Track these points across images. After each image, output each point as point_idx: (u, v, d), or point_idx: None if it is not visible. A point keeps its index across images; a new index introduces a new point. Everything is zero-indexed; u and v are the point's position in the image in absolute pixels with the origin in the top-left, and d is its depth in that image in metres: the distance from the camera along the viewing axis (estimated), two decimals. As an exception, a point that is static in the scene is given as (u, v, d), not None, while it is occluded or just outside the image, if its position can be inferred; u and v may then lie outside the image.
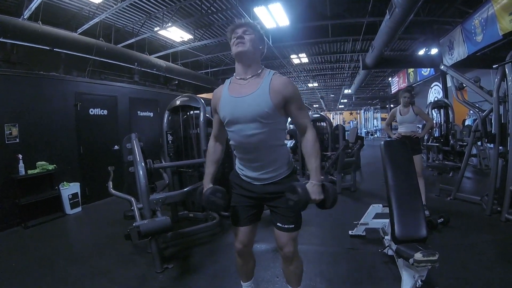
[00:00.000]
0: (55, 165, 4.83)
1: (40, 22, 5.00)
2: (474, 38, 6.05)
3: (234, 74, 1.72)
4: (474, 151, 4.73)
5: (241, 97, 1.61)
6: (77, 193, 5.09)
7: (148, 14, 6.63)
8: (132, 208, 2.93)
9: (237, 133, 1.65)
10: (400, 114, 4.08)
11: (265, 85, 1.59)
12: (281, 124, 1.68)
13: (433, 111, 7.47)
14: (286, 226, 1.72)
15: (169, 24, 6.64)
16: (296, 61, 11.84)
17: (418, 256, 1.78)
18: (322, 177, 1.65)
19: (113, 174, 3.71)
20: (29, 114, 4.68)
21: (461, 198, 4.45)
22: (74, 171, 5.33)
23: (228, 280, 2.57)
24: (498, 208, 3.74)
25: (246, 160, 1.73)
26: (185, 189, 3.30)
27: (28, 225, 4.33)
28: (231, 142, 1.76)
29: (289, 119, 1.76)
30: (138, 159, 2.92)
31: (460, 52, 6.69)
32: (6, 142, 4.35)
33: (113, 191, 3.32)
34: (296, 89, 1.65)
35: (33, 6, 4.52)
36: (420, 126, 7.16)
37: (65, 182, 4.97)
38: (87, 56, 6.17)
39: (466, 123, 8.39)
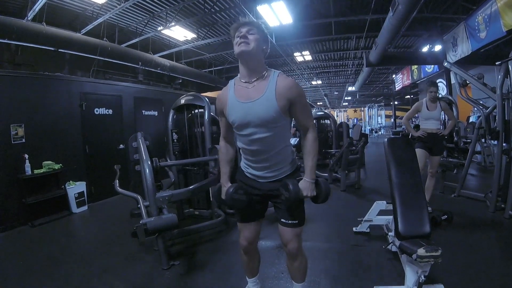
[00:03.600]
0: (61, 165, 4.88)
1: (44, 23, 5.04)
2: (478, 34, 6.02)
3: (239, 75, 1.72)
4: (478, 148, 4.70)
5: (249, 102, 1.62)
6: (83, 192, 5.14)
7: (152, 14, 6.66)
8: (139, 206, 2.96)
9: (245, 137, 1.69)
10: (428, 109, 3.81)
11: (271, 89, 1.60)
12: (287, 126, 1.73)
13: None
14: (290, 221, 1.75)
15: (173, 23, 6.67)
16: (299, 59, 11.83)
17: (421, 251, 1.79)
18: (326, 174, 1.68)
19: (119, 173, 3.75)
20: (35, 115, 4.73)
21: (465, 195, 4.45)
22: (80, 170, 5.38)
23: (234, 277, 2.60)
24: (502, 205, 3.74)
25: (253, 161, 1.77)
26: (190, 187, 3.33)
27: (35, 224, 4.38)
28: (238, 144, 1.79)
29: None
30: (144, 158, 2.96)
31: (463, 48, 6.66)
32: (12, 142, 4.40)
33: (120, 190, 3.35)
34: (301, 91, 1.67)
35: (37, 7, 4.56)
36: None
37: (71, 181, 5.02)
38: (92, 56, 6.22)
39: (470, 120, 8.36)
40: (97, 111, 5.81)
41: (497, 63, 3.74)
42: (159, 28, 7.06)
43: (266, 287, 2.40)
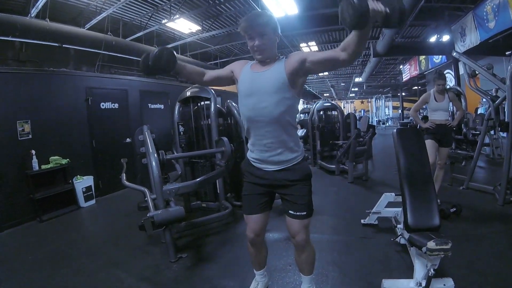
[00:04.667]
0: (68, 160, 4.92)
1: (48, 19, 5.03)
2: (486, 24, 5.89)
3: (255, 60, 1.78)
4: (486, 140, 4.63)
5: (259, 72, 1.71)
6: (90, 186, 5.18)
7: (156, 7, 6.62)
8: (146, 199, 2.97)
9: (251, 106, 1.70)
10: (436, 101, 3.77)
11: (281, 62, 1.68)
12: (293, 104, 1.71)
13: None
14: (298, 213, 1.74)
15: (177, 16, 6.61)
16: (306, 49, 11.69)
17: (431, 244, 1.76)
18: None
19: (126, 166, 3.76)
20: (41, 111, 4.76)
21: (474, 188, 4.39)
22: (87, 165, 5.43)
23: (241, 269, 2.61)
24: (511, 198, 3.69)
25: (258, 137, 1.74)
26: (197, 180, 3.33)
27: (43, 219, 4.43)
28: (243, 119, 1.80)
29: (300, 110, 1.77)
30: (151, 151, 2.96)
31: (472, 39, 6.53)
32: (19, 138, 4.43)
33: (127, 183, 3.37)
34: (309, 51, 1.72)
35: (40, 3, 4.54)
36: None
37: (78, 176, 5.06)
38: (96, 51, 6.20)
39: (479, 111, 8.23)
40: (103, 105, 5.83)
41: (507, 53, 3.66)
42: (163, 21, 7.01)
43: (273, 279, 2.40)
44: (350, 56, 1.44)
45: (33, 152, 4.47)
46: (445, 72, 4.58)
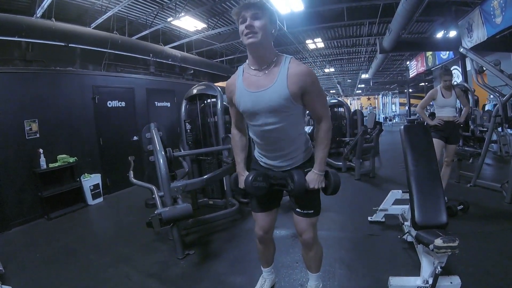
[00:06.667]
0: (75, 158, 4.97)
1: (53, 19, 5.07)
2: (493, 20, 5.81)
3: (247, 62, 1.63)
4: (494, 137, 4.57)
5: (259, 91, 1.54)
6: (98, 184, 5.23)
7: (161, 5, 6.62)
8: (153, 196, 3.00)
9: (257, 127, 1.64)
10: (443, 97, 3.72)
11: (283, 76, 1.51)
12: (300, 114, 1.66)
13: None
14: (305, 211, 1.74)
15: (182, 13, 6.61)
16: (311, 46, 11.60)
17: (438, 242, 1.76)
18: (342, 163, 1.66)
19: (133, 164, 3.80)
20: (48, 110, 4.81)
21: (481, 185, 4.36)
22: (94, 163, 5.48)
23: (248, 265, 2.63)
24: (519, 196, 3.65)
25: (267, 151, 1.74)
26: (204, 177, 3.36)
27: (51, 216, 4.48)
28: (251, 134, 1.77)
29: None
30: (159, 148, 2.98)
31: (479, 34, 6.44)
32: (27, 137, 4.48)
33: (134, 180, 3.40)
34: (315, 79, 1.56)
35: (45, 3, 4.56)
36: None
37: (86, 174, 5.11)
38: (102, 49, 6.23)
39: (486, 108, 8.13)
40: (110, 103, 5.88)
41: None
42: (169, 19, 7.01)
43: (281, 276, 2.42)
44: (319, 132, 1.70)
45: (41, 150, 4.52)
46: (452, 68, 4.54)
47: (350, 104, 26.04)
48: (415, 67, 13.84)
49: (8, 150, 4.27)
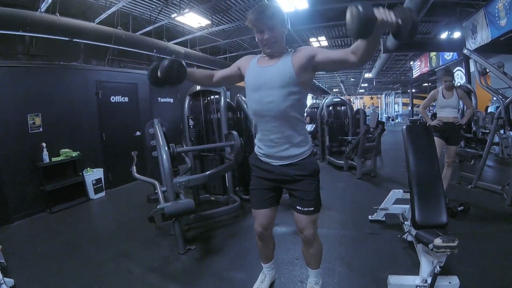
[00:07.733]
0: (78, 152, 4.99)
1: (58, 14, 5.08)
2: (498, 22, 5.79)
3: (262, 53, 1.78)
4: (496, 139, 4.57)
5: (266, 67, 1.69)
6: (100, 178, 5.26)
7: (165, 1, 6.62)
8: (156, 191, 3.02)
9: (257, 100, 1.69)
10: (444, 97, 3.75)
11: (288, 56, 1.66)
12: (300, 98, 1.68)
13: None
14: (306, 209, 1.75)
15: (186, 10, 6.60)
16: (315, 44, 11.61)
17: (437, 241, 1.77)
18: None
19: (136, 159, 3.82)
20: (52, 104, 4.83)
21: (482, 187, 4.36)
22: (97, 157, 5.51)
23: (249, 261, 2.65)
24: (519, 198, 3.65)
25: (264, 132, 1.74)
26: (207, 173, 3.38)
27: (53, 210, 4.51)
28: (250, 113, 1.82)
29: (309, 105, 1.78)
30: (161, 144, 3.01)
31: (483, 36, 6.42)
32: (30, 131, 4.50)
33: (137, 175, 3.42)
34: (320, 48, 1.69)
35: (50, -2, 4.58)
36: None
37: (88, 168, 5.14)
38: (106, 45, 6.24)
39: (489, 110, 8.12)
40: (113, 99, 5.90)
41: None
42: (172, 15, 7.01)
43: (281, 272, 2.44)
44: (359, 60, 1.42)
45: (44, 144, 4.55)
46: (455, 70, 4.54)
47: (353, 103, 26.01)
48: (418, 68, 13.80)
49: (11, 144, 4.29)
